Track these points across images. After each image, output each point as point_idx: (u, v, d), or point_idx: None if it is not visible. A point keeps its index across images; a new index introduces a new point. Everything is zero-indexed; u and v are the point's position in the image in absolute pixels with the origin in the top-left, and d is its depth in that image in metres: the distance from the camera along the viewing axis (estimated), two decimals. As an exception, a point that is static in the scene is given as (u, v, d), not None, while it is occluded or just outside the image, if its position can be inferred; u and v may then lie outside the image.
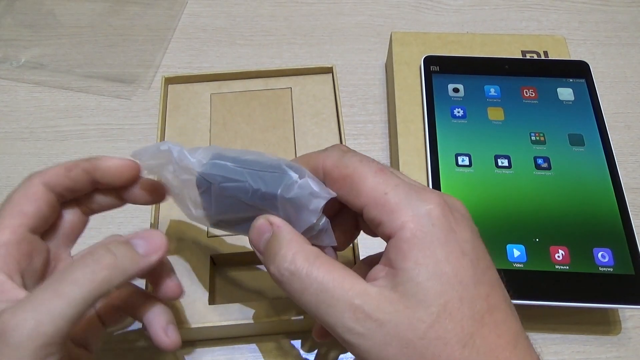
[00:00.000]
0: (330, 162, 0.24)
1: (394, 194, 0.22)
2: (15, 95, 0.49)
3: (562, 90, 0.44)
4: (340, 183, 0.24)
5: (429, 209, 0.22)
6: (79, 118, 0.48)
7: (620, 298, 0.35)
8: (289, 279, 0.22)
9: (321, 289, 0.21)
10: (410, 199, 0.22)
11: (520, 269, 0.36)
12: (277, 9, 0.56)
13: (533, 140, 0.41)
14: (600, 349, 0.37)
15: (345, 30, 0.54)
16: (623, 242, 0.36)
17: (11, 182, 0.44)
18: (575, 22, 0.55)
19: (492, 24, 0.55)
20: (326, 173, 0.24)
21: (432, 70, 0.45)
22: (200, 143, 0.43)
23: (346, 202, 0.24)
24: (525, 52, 0.47)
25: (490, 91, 0.44)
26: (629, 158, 0.46)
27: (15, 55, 0.51)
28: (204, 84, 0.45)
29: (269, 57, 0.52)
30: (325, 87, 0.45)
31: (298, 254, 0.22)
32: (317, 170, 0.25)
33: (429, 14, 0.56)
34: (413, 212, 0.21)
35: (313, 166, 0.25)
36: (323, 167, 0.24)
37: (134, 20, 0.54)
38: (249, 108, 0.44)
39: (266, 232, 0.24)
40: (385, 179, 0.23)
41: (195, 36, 0.53)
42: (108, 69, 0.50)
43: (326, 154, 0.25)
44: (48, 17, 0.54)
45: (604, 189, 0.39)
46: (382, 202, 0.22)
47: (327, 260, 0.22)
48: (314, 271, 0.22)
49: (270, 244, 0.23)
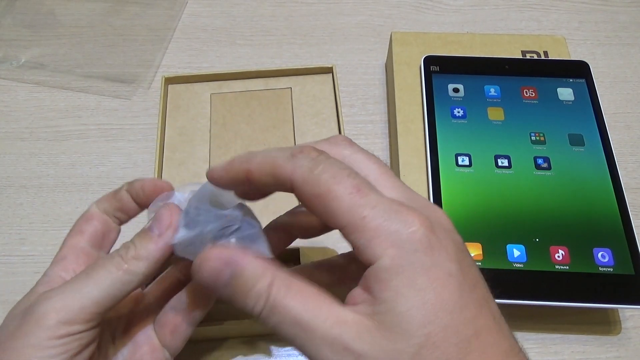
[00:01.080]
0: (300, 176, 0.21)
1: (372, 216, 0.20)
2: (15, 95, 0.49)
3: (562, 90, 0.44)
4: (312, 202, 0.21)
5: (410, 232, 0.20)
6: (79, 118, 0.48)
7: (620, 298, 0.35)
8: (268, 314, 0.20)
9: (296, 321, 0.20)
10: (391, 221, 0.20)
11: (520, 269, 0.36)
12: (277, 9, 0.56)
13: (533, 140, 0.41)
14: (600, 349, 0.37)
15: (345, 30, 0.54)
16: (623, 242, 0.36)
17: (11, 182, 0.44)
18: (575, 22, 0.55)
19: (492, 24, 0.55)
20: (294, 187, 0.22)
21: (432, 70, 0.45)
22: (200, 143, 0.43)
23: (321, 219, 0.22)
24: (525, 52, 0.47)
25: (490, 91, 0.44)
26: (629, 158, 0.46)
27: (15, 55, 0.51)
28: (204, 84, 0.45)
29: (269, 57, 0.52)
30: (325, 87, 0.45)
31: (273, 285, 0.21)
32: (283, 183, 0.22)
33: (429, 14, 0.56)
34: (393, 238, 0.20)
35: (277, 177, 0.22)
36: (291, 180, 0.21)
37: (134, 20, 0.54)
38: (249, 108, 0.44)
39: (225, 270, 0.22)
40: (362, 200, 0.20)
41: (195, 36, 0.54)
42: (108, 69, 0.50)
43: (294, 163, 0.22)
44: (48, 17, 0.54)
45: (604, 189, 0.39)
46: (360, 227, 0.20)
47: (301, 287, 0.21)
48: (288, 302, 0.20)
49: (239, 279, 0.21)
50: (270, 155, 0.22)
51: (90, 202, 0.28)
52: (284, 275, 0.21)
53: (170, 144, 0.43)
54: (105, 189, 0.43)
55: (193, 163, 0.42)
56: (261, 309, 0.21)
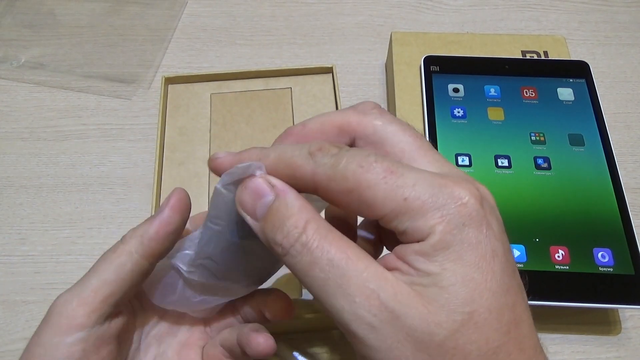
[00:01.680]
0: (323, 176, 0.20)
1: (413, 196, 0.19)
2: (15, 95, 0.49)
3: (562, 90, 0.44)
4: (342, 199, 0.20)
5: (459, 205, 0.19)
6: (79, 118, 0.48)
7: (620, 298, 0.35)
8: (299, 251, 0.19)
9: (332, 264, 0.18)
10: (436, 197, 0.19)
11: (520, 269, 0.35)
12: (277, 9, 0.56)
13: (533, 140, 0.41)
14: (600, 349, 0.37)
15: (345, 30, 0.54)
16: (623, 242, 0.36)
17: (11, 182, 0.44)
18: (575, 22, 0.55)
19: (492, 24, 0.55)
20: (319, 189, 0.20)
21: (432, 70, 0.45)
22: (200, 143, 0.43)
23: (358, 214, 0.21)
24: (525, 52, 0.47)
25: (490, 91, 0.44)
26: (629, 158, 0.46)
27: (15, 55, 0.51)
28: (204, 84, 0.45)
29: (269, 57, 0.52)
30: (325, 87, 0.45)
31: (310, 224, 0.19)
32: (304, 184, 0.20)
33: (429, 14, 0.56)
34: (441, 213, 0.18)
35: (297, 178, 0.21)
36: (314, 181, 0.20)
37: (134, 20, 0.54)
38: (249, 108, 0.44)
39: (266, 195, 0.20)
40: (398, 181, 0.19)
41: (195, 36, 0.53)
42: (108, 69, 0.50)
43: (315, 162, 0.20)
44: (48, 17, 0.54)
45: (604, 189, 0.39)
46: (403, 211, 0.19)
47: (340, 236, 0.19)
48: (326, 245, 0.19)
49: (275, 209, 0.20)
50: (285, 155, 0.21)
51: (90, 202, 0.28)
52: (324, 220, 0.20)
53: (170, 144, 0.43)
54: (105, 189, 0.43)
55: (193, 163, 0.42)
56: (292, 243, 0.19)
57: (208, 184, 0.41)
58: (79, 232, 0.41)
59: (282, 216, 0.20)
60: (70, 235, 0.41)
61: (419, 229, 0.19)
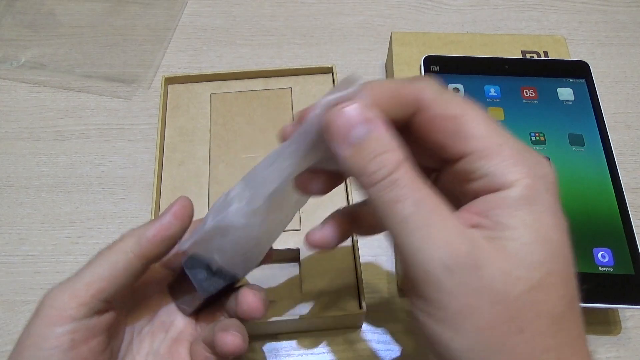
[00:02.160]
0: (431, 95, 0.21)
1: (509, 145, 0.20)
2: (15, 95, 0.49)
3: (562, 90, 0.44)
4: (439, 122, 0.20)
5: (545, 172, 0.20)
6: (79, 118, 0.48)
7: (620, 298, 0.35)
8: (387, 185, 0.19)
9: (418, 205, 0.19)
10: (526, 157, 0.20)
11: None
12: (277, 9, 0.56)
13: (533, 140, 0.41)
14: (600, 349, 0.37)
15: (345, 30, 0.54)
16: (623, 242, 0.36)
17: (11, 182, 0.44)
18: (575, 22, 0.55)
19: (492, 24, 0.55)
20: (421, 107, 0.21)
21: (432, 70, 0.45)
22: (200, 143, 0.43)
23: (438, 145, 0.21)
24: (525, 52, 0.47)
25: (490, 91, 0.44)
26: (629, 158, 0.46)
27: (15, 55, 0.51)
28: (204, 84, 0.45)
29: (269, 57, 0.52)
30: (325, 87, 0.45)
31: (404, 164, 0.19)
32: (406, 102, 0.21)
33: (429, 14, 0.56)
34: (530, 170, 0.19)
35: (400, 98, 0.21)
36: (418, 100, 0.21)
37: (134, 20, 0.54)
38: (249, 108, 0.44)
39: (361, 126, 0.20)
40: (498, 129, 0.20)
41: (195, 36, 0.54)
42: (108, 69, 0.50)
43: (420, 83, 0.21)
44: (48, 17, 0.54)
45: (604, 189, 0.39)
46: (495, 153, 0.20)
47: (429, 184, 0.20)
48: (415, 186, 0.19)
49: (373, 139, 0.20)
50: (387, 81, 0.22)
51: (90, 202, 0.28)
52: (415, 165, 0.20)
53: (170, 144, 0.43)
54: (105, 189, 0.43)
55: (193, 163, 0.42)
56: (383, 176, 0.19)
57: (208, 184, 0.41)
58: (79, 232, 0.41)
59: (379, 149, 0.20)
60: (70, 235, 0.41)
61: (508, 175, 0.19)
